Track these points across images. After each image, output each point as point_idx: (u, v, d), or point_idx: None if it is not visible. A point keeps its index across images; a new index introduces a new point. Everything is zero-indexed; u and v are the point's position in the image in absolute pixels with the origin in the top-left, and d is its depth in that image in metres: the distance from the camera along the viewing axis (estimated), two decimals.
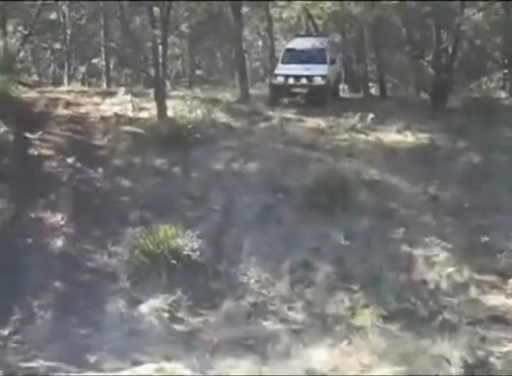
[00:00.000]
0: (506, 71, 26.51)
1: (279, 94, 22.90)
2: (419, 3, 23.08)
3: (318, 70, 22.69)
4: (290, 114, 21.88)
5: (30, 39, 30.31)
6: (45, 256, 15.44)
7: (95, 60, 32.06)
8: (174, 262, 14.85)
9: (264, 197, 17.51)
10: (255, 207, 17.17)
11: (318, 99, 22.45)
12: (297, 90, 22.79)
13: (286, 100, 22.96)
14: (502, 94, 25.16)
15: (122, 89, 23.99)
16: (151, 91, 21.92)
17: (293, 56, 23.52)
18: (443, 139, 20.17)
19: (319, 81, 22.58)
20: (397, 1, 22.72)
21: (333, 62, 23.55)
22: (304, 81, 22.65)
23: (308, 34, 26.71)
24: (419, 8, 23.14)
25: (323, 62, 23.08)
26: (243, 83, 24.39)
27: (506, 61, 26.34)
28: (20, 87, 25.56)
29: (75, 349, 12.78)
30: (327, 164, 18.55)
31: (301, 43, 24.08)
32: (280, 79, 22.86)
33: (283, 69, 23.11)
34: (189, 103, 21.86)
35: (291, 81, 22.70)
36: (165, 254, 14.91)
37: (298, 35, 26.33)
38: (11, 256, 15.13)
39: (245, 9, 28.74)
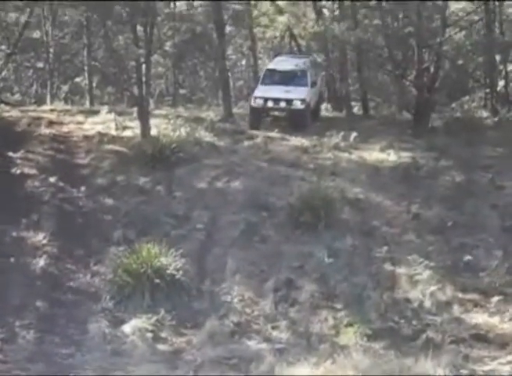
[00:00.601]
0: (487, 90, 26.67)
1: (259, 116, 22.76)
2: (401, 23, 23.25)
3: (297, 94, 22.44)
4: (273, 133, 21.93)
5: (13, 58, 30.22)
6: (27, 275, 15.36)
7: (78, 79, 32.00)
8: (157, 281, 14.80)
9: (247, 215, 17.51)
10: (239, 226, 17.17)
11: (297, 122, 22.36)
12: (276, 113, 22.67)
13: (268, 119, 22.93)
14: (484, 113, 25.28)
15: (105, 108, 23.97)
16: (134, 109, 21.93)
17: (274, 77, 23.42)
18: (425, 158, 20.26)
19: (298, 105, 22.41)
20: (380, 22, 22.86)
21: (314, 84, 23.33)
22: (283, 104, 22.50)
23: (290, 54, 26.62)
24: (401, 28, 23.29)
25: (304, 84, 22.92)
26: (226, 102, 24.43)
27: (487, 80, 26.53)
28: (3, 106, 25.52)
29: (57, 369, 12.69)
30: (311, 183, 18.58)
31: (282, 64, 23.99)
32: (259, 102, 22.65)
33: (262, 91, 22.96)
34: (172, 121, 21.88)
35: (270, 104, 22.54)
36: (148, 274, 14.85)
37: (280, 54, 26.23)
38: None
39: (228, 28, 28.82)
